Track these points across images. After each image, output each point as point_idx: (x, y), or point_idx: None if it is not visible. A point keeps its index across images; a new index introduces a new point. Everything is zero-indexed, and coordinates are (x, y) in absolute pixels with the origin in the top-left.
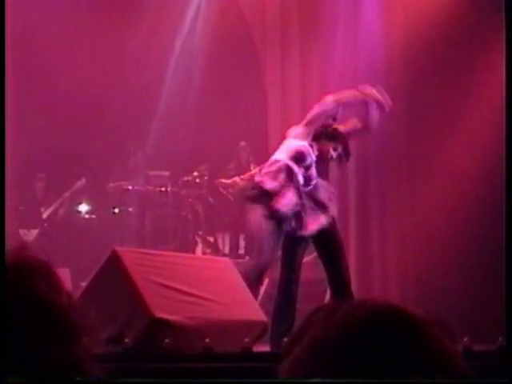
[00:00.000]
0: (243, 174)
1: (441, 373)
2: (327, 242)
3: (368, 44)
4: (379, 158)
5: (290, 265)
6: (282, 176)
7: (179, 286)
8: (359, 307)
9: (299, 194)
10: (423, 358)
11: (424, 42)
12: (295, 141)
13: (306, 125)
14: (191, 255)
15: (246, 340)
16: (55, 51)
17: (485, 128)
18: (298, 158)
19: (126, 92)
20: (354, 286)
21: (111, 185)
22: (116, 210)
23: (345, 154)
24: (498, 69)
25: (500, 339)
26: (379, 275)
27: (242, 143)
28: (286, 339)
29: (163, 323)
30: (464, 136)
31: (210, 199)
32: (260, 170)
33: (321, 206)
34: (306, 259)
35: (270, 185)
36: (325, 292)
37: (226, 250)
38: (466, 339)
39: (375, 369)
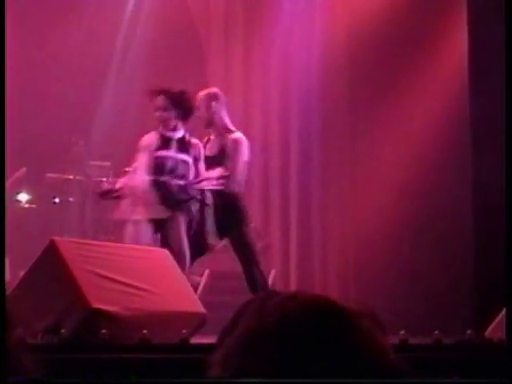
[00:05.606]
0: None
1: (370, 362)
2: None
3: (309, 37)
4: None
5: None
6: None
7: (117, 277)
8: (290, 299)
9: None
10: (352, 348)
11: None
12: None
13: None
14: (129, 245)
15: (184, 331)
16: None
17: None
18: None
19: (68, 81)
20: (294, 283)
21: (50, 175)
22: (56, 200)
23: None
24: (456, 34)
25: (436, 332)
26: (319, 271)
27: None
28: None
29: (100, 314)
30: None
31: None
32: None
33: None
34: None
35: None
36: None
37: None
38: (402, 332)
39: (306, 359)
